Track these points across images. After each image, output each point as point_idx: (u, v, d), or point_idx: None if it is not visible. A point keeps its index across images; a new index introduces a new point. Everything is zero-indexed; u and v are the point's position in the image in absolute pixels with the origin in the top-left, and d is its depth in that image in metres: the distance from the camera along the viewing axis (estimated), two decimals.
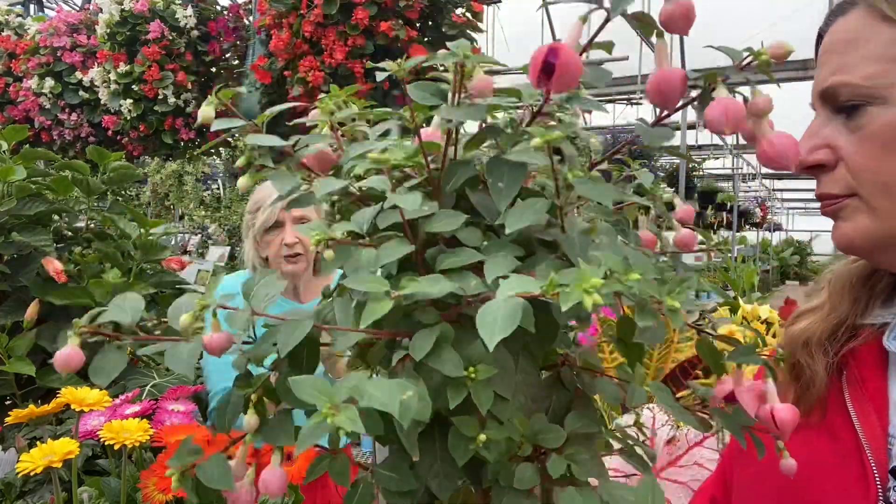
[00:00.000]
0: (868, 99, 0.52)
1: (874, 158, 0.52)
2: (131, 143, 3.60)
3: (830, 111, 0.55)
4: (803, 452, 0.57)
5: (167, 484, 0.81)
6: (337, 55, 2.64)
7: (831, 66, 0.54)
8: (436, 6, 2.69)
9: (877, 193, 0.53)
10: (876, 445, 0.54)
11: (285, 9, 2.80)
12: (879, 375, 0.57)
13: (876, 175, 0.52)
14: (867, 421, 0.56)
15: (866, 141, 0.52)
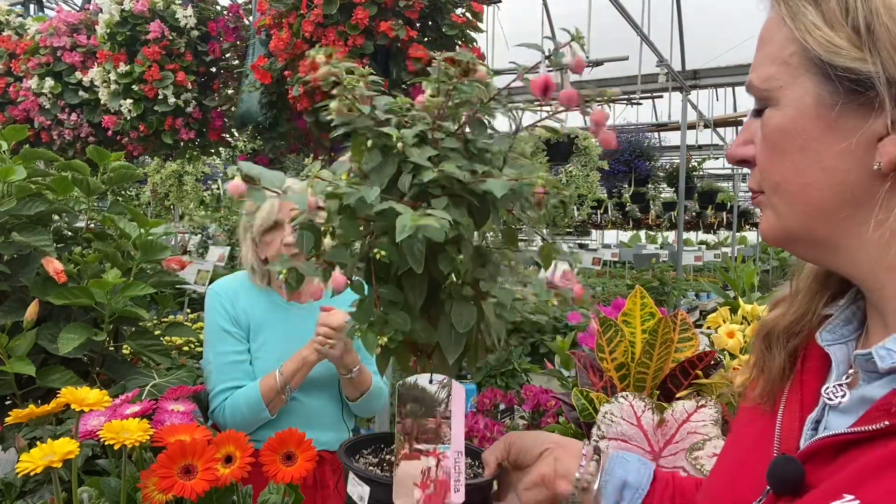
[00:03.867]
0: (765, 100, 0.53)
1: (768, 160, 0.53)
2: (131, 143, 3.59)
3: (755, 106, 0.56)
4: (747, 431, 0.63)
5: (167, 484, 0.81)
6: (337, 55, 2.64)
7: (753, 62, 0.55)
8: (436, 6, 2.69)
9: (772, 193, 0.54)
10: (787, 435, 0.55)
11: (285, 9, 2.80)
12: (819, 369, 0.58)
13: (770, 175, 0.53)
14: (790, 410, 0.57)
15: (763, 141, 0.53)
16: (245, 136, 4.15)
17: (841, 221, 0.49)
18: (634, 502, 0.73)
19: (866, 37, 0.44)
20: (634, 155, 8.61)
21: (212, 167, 8.50)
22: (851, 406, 0.51)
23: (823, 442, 0.50)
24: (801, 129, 0.50)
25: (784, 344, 0.60)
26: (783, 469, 0.51)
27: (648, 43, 5.95)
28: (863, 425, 0.47)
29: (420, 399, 0.74)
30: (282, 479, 0.93)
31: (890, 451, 0.44)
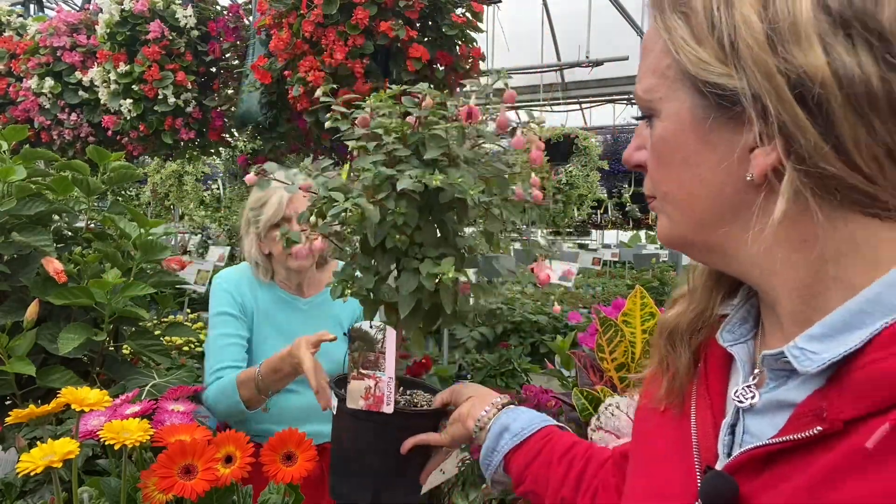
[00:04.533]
0: (649, 110, 0.54)
1: (656, 170, 0.55)
2: (131, 143, 3.59)
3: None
4: (659, 437, 0.62)
5: (167, 484, 0.81)
6: (337, 55, 2.64)
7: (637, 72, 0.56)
8: (436, 6, 2.69)
9: (662, 200, 0.55)
10: (705, 443, 0.55)
11: (285, 9, 2.80)
12: (722, 370, 0.58)
13: (659, 184, 0.55)
14: (702, 418, 0.57)
15: (651, 151, 0.55)
16: (245, 136, 4.15)
17: (725, 229, 0.50)
18: (508, 445, 0.88)
19: (730, 53, 0.45)
20: None
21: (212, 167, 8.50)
22: (766, 408, 0.51)
23: (751, 453, 0.49)
24: (681, 142, 0.51)
25: (688, 341, 0.61)
26: (714, 486, 0.50)
27: None
28: (794, 433, 0.46)
29: (365, 338, 1.02)
30: (282, 479, 0.93)
31: (834, 459, 0.43)
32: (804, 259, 0.47)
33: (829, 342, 0.45)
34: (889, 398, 0.42)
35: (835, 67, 0.41)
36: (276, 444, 0.96)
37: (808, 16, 0.42)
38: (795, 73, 0.42)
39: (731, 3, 0.45)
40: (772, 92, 0.43)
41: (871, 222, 0.45)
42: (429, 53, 2.68)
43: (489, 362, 3.63)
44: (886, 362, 0.42)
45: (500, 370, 3.57)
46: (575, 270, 4.98)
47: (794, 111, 0.43)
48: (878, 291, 0.44)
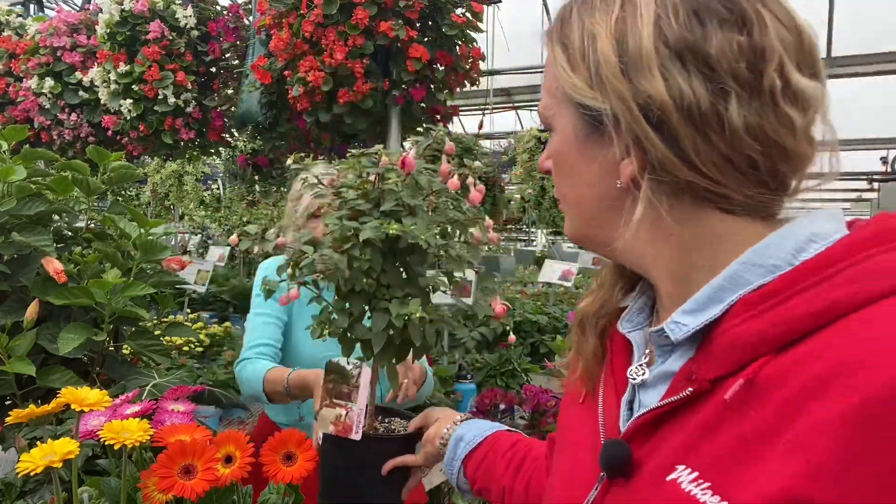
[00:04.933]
0: (547, 126, 0.63)
1: (554, 175, 0.64)
2: (131, 143, 3.60)
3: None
4: (575, 422, 0.70)
5: (167, 484, 0.81)
6: (337, 55, 2.64)
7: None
8: (436, 6, 2.69)
9: (562, 202, 0.65)
10: (610, 421, 0.62)
11: (285, 9, 2.80)
12: (624, 356, 0.65)
13: (558, 189, 0.64)
14: (608, 400, 0.64)
15: (551, 160, 0.64)
16: (245, 136, 4.15)
17: (607, 228, 0.59)
18: (463, 452, 0.98)
19: (595, 80, 0.54)
20: None
21: (212, 167, 8.50)
22: (655, 381, 0.59)
23: (640, 420, 0.56)
24: (568, 153, 0.60)
25: (594, 327, 0.69)
26: (611, 452, 0.57)
27: None
28: (670, 396, 0.54)
29: (340, 372, 1.12)
30: (282, 479, 0.93)
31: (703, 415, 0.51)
32: (672, 249, 0.56)
33: (698, 315, 0.53)
34: (743, 357, 0.49)
35: (672, 92, 0.50)
36: (275, 444, 0.96)
37: (650, 49, 0.51)
38: (643, 98, 0.51)
39: (595, 39, 0.54)
40: (626, 113, 0.52)
41: (726, 217, 0.54)
42: (429, 53, 2.68)
43: (489, 362, 3.63)
44: (739, 328, 0.50)
45: (500, 370, 3.56)
46: (575, 270, 4.98)
47: (644, 129, 0.51)
48: (736, 269, 0.52)
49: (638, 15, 0.52)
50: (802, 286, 0.48)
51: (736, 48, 0.50)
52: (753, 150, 0.50)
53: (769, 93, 0.50)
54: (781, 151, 0.51)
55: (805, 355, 0.46)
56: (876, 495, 0.40)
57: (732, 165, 0.51)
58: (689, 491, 0.48)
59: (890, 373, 0.41)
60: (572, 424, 0.71)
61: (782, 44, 0.51)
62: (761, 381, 0.47)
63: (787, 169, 0.52)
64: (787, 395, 0.45)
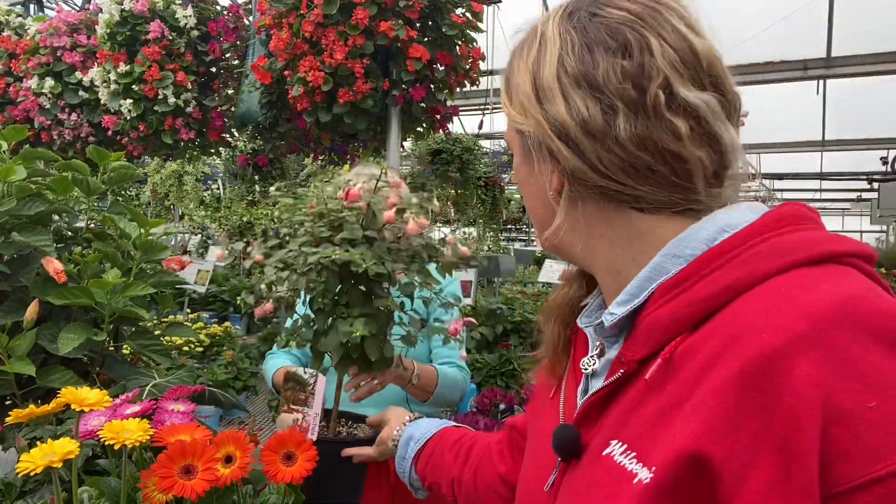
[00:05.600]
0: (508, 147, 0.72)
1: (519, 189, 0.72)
2: (131, 143, 3.59)
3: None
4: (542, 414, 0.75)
5: (167, 484, 0.81)
6: (337, 55, 2.63)
7: None
8: (436, 6, 2.69)
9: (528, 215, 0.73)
10: (569, 410, 0.68)
11: (285, 9, 2.80)
12: (584, 347, 0.70)
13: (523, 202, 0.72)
14: (569, 387, 0.71)
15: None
16: (245, 136, 4.15)
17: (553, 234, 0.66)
18: (413, 450, 1.06)
19: (521, 108, 0.63)
20: None
21: (212, 167, 8.50)
22: (602, 370, 0.64)
23: (586, 404, 0.62)
24: (519, 173, 0.69)
25: (555, 319, 0.75)
26: (561, 436, 0.62)
27: None
28: (607, 380, 0.60)
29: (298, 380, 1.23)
30: (282, 479, 0.93)
31: (632, 393, 0.56)
32: (604, 248, 0.63)
33: (627, 304, 0.59)
34: (662, 338, 0.55)
35: (571, 113, 0.58)
36: (275, 444, 0.96)
37: (553, 79, 0.60)
38: (551, 119, 0.59)
39: (519, 74, 0.64)
40: (542, 133, 0.60)
41: (644, 215, 0.60)
42: (429, 53, 2.68)
43: (489, 362, 3.63)
44: (657, 312, 0.56)
45: (500, 370, 3.57)
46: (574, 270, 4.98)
47: (556, 145, 0.60)
48: (659, 261, 0.58)
49: (547, 52, 0.62)
50: (707, 270, 0.55)
51: (619, 71, 0.57)
52: (646, 156, 0.57)
53: (653, 106, 0.56)
54: (673, 156, 0.57)
55: (710, 331, 0.52)
56: (753, 455, 0.45)
57: (635, 170, 0.58)
58: (619, 462, 0.54)
59: (766, 339, 0.47)
60: (541, 415, 0.76)
61: (670, 63, 0.57)
62: (677, 357, 0.53)
63: (687, 170, 0.58)
64: (695, 367, 0.51)
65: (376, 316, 1.08)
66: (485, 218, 8.06)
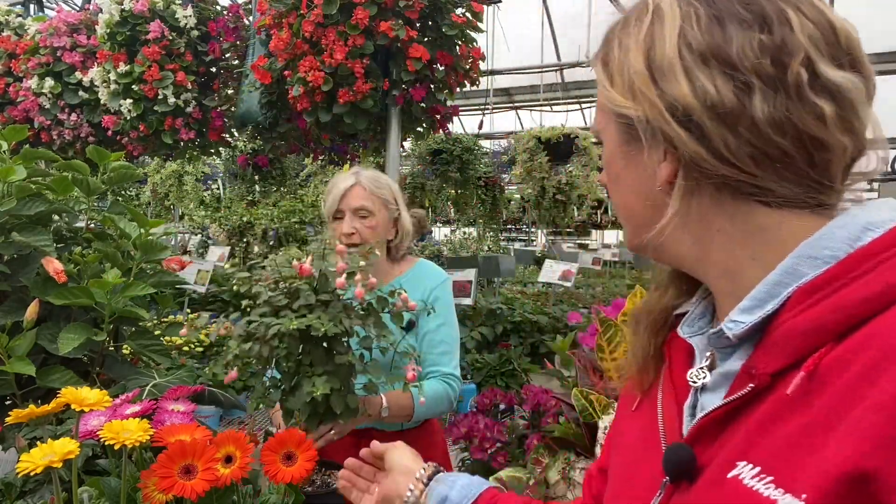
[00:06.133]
0: (598, 138, 0.66)
1: (608, 186, 0.66)
2: (131, 143, 3.59)
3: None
4: (635, 428, 0.69)
5: (167, 484, 0.81)
6: (337, 55, 2.63)
7: None
8: (436, 6, 2.69)
9: (616, 212, 0.67)
10: (670, 426, 0.62)
11: (285, 9, 2.80)
12: (683, 362, 0.65)
13: (611, 198, 0.67)
14: (667, 404, 0.64)
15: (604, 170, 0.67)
16: (245, 136, 4.15)
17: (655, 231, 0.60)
18: None
19: (629, 90, 0.58)
20: None
21: (212, 167, 8.50)
22: (717, 383, 0.59)
23: (703, 421, 0.56)
24: (614, 164, 0.63)
25: (649, 328, 0.69)
26: (675, 456, 0.57)
27: None
28: (732, 395, 0.53)
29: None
30: (282, 479, 0.93)
31: (764, 410, 0.51)
32: (720, 246, 0.57)
33: (755, 311, 0.53)
34: (801, 348, 0.50)
35: (696, 92, 0.53)
36: (275, 444, 0.96)
37: (674, 55, 0.54)
38: (670, 101, 0.54)
39: (627, 52, 0.58)
40: (657, 117, 0.55)
41: (771, 210, 0.55)
42: (429, 53, 2.68)
43: (489, 362, 3.63)
44: (796, 319, 0.51)
45: (500, 370, 3.56)
46: (575, 270, 4.98)
47: (674, 130, 0.54)
48: (791, 263, 0.53)
49: (665, 26, 0.56)
50: (858, 272, 0.49)
51: (756, 46, 0.52)
52: (784, 141, 0.52)
53: (795, 85, 0.51)
54: (815, 142, 0.52)
55: (863, 341, 0.46)
56: None
57: (767, 157, 0.52)
58: (751, 486, 0.48)
59: None
60: (628, 432, 0.70)
61: (810, 39, 0.52)
62: (822, 370, 0.48)
63: (826, 160, 0.53)
64: (848, 381, 0.46)
65: (338, 371, 1.15)
66: (485, 218, 8.07)
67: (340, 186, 1.67)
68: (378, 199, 1.69)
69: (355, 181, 1.69)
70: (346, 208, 1.65)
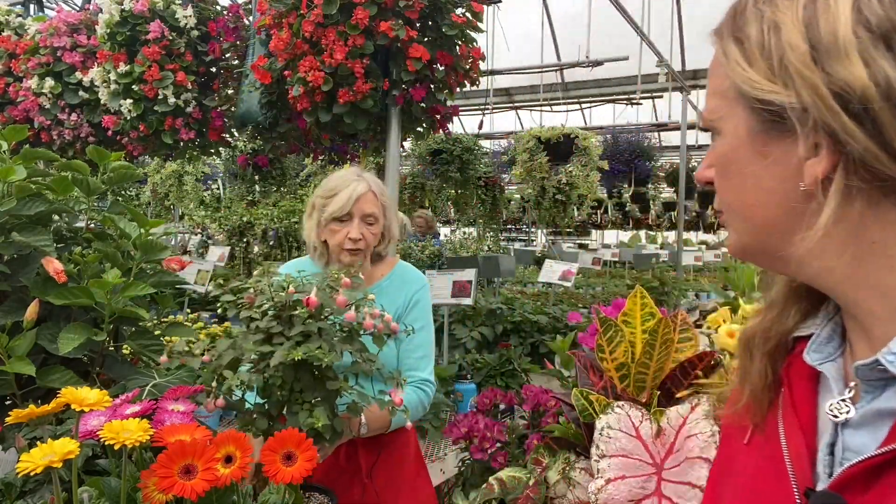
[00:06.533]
0: (712, 129, 0.58)
1: (719, 183, 0.58)
2: (131, 143, 3.60)
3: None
4: (750, 462, 0.61)
5: (167, 484, 0.81)
6: (337, 55, 2.63)
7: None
8: (436, 6, 2.69)
9: (727, 212, 0.58)
10: (799, 466, 0.54)
11: (285, 9, 2.80)
12: (809, 390, 0.57)
13: (722, 196, 0.58)
14: (793, 440, 0.56)
15: (715, 167, 0.59)
16: (245, 136, 4.15)
17: (788, 237, 0.52)
18: None
19: (779, 72, 0.49)
20: (634, 155, 8.61)
21: (212, 167, 8.50)
22: (865, 422, 0.51)
23: (856, 469, 0.48)
24: (739, 156, 0.55)
25: (762, 351, 0.62)
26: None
27: (648, 43, 5.95)
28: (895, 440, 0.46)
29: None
30: (282, 480, 0.92)
31: None
32: (876, 262, 0.49)
33: None
34: None
35: (875, 78, 0.45)
36: (275, 444, 0.96)
37: (848, 33, 0.46)
38: (838, 86, 0.46)
39: (779, 28, 0.50)
40: (819, 105, 0.46)
41: None
42: (429, 53, 2.68)
43: (489, 362, 3.63)
44: None
45: (500, 370, 3.56)
46: (575, 270, 4.98)
47: (841, 120, 0.46)
48: None
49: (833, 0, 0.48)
50: None
51: None
52: None
53: None
54: None
55: None
56: None
57: None
58: None
59: None
60: (742, 471, 0.62)
61: None
62: None
63: None
64: None
65: (328, 397, 1.16)
66: (485, 218, 8.07)
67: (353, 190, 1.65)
68: (381, 207, 1.70)
69: (368, 187, 1.68)
70: (357, 213, 1.64)
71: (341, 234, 1.65)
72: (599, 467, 0.97)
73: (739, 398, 0.63)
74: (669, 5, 7.25)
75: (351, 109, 2.77)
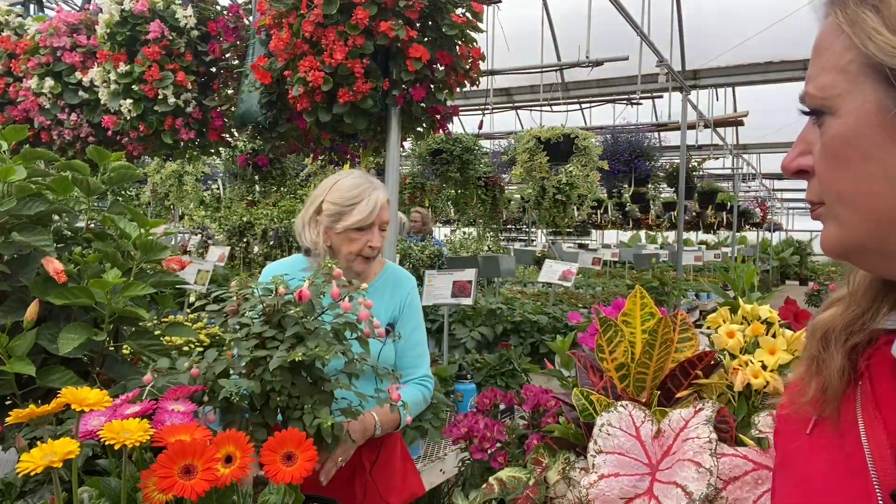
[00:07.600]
0: (823, 109, 0.52)
1: (828, 169, 0.52)
2: (131, 143, 3.59)
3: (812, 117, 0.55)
4: (821, 457, 0.57)
5: (167, 484, 0.81)
6: (337, 55, 2.63)
7: (808, 73, 0.55)
8: (436, 6, 2.69)
9: (835, 202, 0.53)
10: (882, 467, 0.51)
11: (285, 9, 2.80)
12: (891, 387, 0.54)
13: (831, 185, 0.52)
14: (875, 438, 0.53)
15: (823, 151, 0.53)
16: (245, 136, 4.15)
17: None
18: None
19: None
20: (634, 155, 8.61)
21: (212, 167, 8.50)
22: None
23: None
24: (863, 137, 0.48)
25: (842, 342, 0.58)
26: None
27: (648, 43, 5.95)
28: None
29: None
30: (282, 480, 0.92)
31: None
32: None
33: None
34: None
35: None
36: (275, 444, 0.96)
37: None
38: None
39: None
40: None
41: None
42: (429, 53, 2.68)
43: (489, 362, 3.63)
44: None
45: (500, 370, 3.56)
46: (574, 270, 4.98)
47: None
48: None
49: None
50: None
51: None
52: None
53: None
54: None
55: None
56: None
57: None
58: None
59: None
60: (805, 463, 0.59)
61: None
62: None
63: None
64: None
65: (325, 400, 1.15)
66: (485, 218, 8.07)
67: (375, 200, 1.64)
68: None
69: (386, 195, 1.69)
70: (377, 222, 1.65)
71: (360, 243, 1.64)
72: (595, 462, 0.97)
73: (805, 391, 0.59)
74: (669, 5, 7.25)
75: (351, 109, 2.77)
